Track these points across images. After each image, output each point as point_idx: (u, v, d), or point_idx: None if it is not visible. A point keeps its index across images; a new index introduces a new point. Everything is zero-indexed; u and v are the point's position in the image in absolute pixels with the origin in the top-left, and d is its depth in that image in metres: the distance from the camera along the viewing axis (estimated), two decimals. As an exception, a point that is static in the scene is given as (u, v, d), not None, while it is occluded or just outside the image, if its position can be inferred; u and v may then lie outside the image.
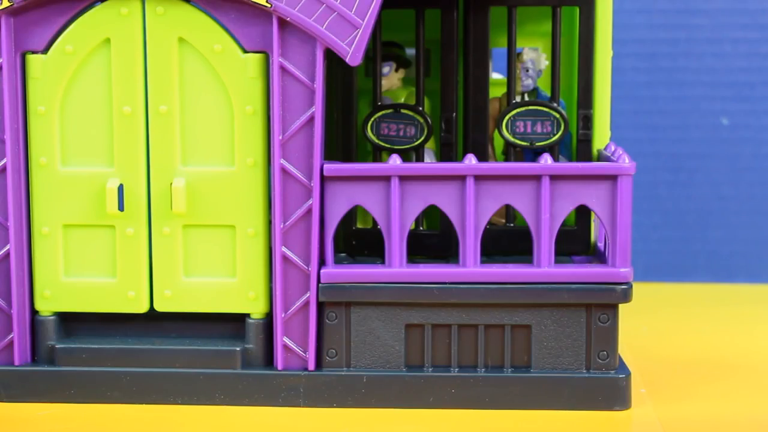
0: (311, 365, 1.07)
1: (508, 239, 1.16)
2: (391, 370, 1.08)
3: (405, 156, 1.16)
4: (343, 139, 1.17)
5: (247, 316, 1.09)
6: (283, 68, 1.05)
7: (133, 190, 1.08)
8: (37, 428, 1.02)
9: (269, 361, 1.09)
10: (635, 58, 1.65)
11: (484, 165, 1.06)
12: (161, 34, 1.06)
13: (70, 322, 1.11)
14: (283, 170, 1.06)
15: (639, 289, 1.14)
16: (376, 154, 1.17)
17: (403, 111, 1.17)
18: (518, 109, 1.16)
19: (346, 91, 1.17)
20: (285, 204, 1.06)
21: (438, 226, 1.17)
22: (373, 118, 1.17)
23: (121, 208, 1.07)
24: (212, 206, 1.08)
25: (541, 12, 1.20)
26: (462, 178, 1.06)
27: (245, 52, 1.06)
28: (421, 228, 1.17)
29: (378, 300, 1.07)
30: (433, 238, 1.16)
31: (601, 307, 1.06)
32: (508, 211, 1.18)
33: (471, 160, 1.06)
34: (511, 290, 1.06)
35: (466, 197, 1.06)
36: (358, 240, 1.17)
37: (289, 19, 1.04)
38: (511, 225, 1.18)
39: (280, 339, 1.08)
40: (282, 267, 1.07)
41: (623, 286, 1.06)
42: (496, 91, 1.19)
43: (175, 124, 1.07)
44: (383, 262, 1.08)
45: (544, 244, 1.06)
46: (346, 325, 1.08)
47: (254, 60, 1.06)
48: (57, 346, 1.09)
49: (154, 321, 1.11)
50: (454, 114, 1.16)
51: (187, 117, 1.07)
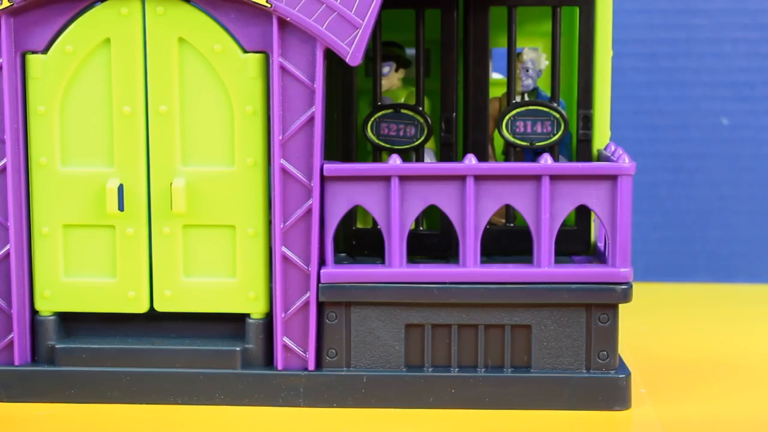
0: (311, 365, 1.07)
1: (508, 239, 1.16)
2: (391, 370, 1.08)
3: (405, 156, 1.16)
4: (343, 139, 1.17)
5: (247, 316, 1.09)
6: (283, 68, 1.05)
7: (133, 190, 1.08)
8: (37, 428, 1.02)
9: (269, 361, 1.09)
10: (635, 58, 1.65)
11: (484, 165, 1.06)
12: (161, 34, 1.06)
13: (70, 322, 1.11)
14: (283, 170, 1.06)
15: (639, 289, 1.14)
16: (376, 154, 1.17)
17: (403, 111, 1.17)
18: (518, 109, 1.16)
19: (346, 91, 1.17)
20: (285, 204, 1.06)
21: (438, 226, 1.17)
22: (373, 118, 1.16)
23: (121, 208, 1.07)
24: (212, 206, 1.08)
25: (541, 12, 1.20)
26: (462, 178, 1.06)
27: (245, 52, 1.06)
28: (421, 228, 1.17)
29: (378, 300, 1.07)
30: (433, 238, 1.16)
31: (601, 307, 1.06)
32: (508, 211, 1.18)
33: (471, 160, 1.06)
34: (511, 290, 1.06)
35: (466, 197, 1.06)
36: (358, 240, 1.17)
37: (289, 19, 1.04)
38: (511, 225, 1.18)
39: (280, 339, 1.08)
40: (282, 267, 1.07)
41: (623, 286, 1.06)
42: (496, 91, 1.19)
43: (175, 124, 1.07)
44: (383, 262, 1.08)
45: (544, 244, 1.06)
46: (346, 325, 1.08)
47: (254, 60, 1.06)
48: (57, 346, 1.09)
49: (154, 321, 1.11)
50: (454, 114, 1.16)
51: (187, 117, 1.07)
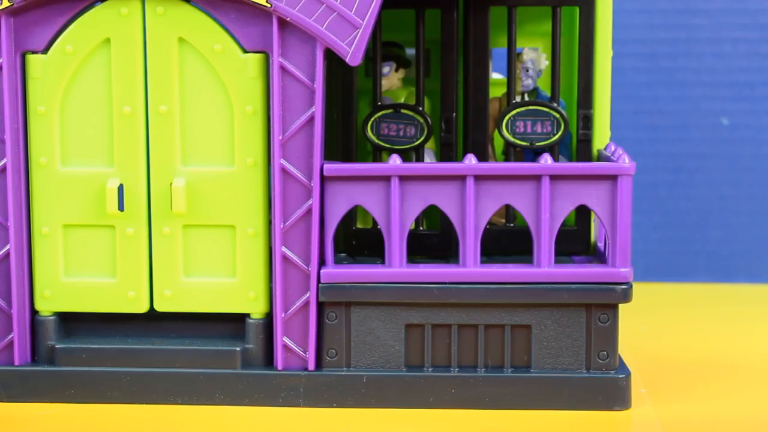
0: (311, 365, 1.07)
1: (508, 239, 1.16)
2: (391, 370, 1.08)
3: (405, 156, 1.16)
4: (343, 139, 1.17)
5: (247, 316, 1.09)
6: (283, 68, 1.05)
7: (133, 190, 1.08)
8: (37, 428, 1.02)
9: (269, 361, 1.09)
10: (635, 58, 1.65)
11: (484, 165, 1.06)
12: (161, 34, 1.06)
13: (70, 322, 1.11)
14: (283, 170, 1.06)
15: (639, 289, 1.14)
16: (376, 154, 1.17)
17: (403, 111, 1.16)
18: (518, 109, 1.16)
19: (346, 91, 1.17)
20: (285, 204, 1.06)
21: (438, 226, 1.17)
22: (373, 118, 1.16)
23: (121, 208, 1.07)
24: (212, 206, 1.08)
25: (541, 12, 1.20)
26: (462, 178, 1.06)
27: (245, 52, 1.06)
28: (421, 228, 1.17)
29: (378, 300, 1.07)
30: (433, 238, 1.16)
31: (601, 307, 1.06)
32: (508, 211, 1.18)
33: (471, 160, 1.06)
34: (511, 290, 1.06)
35: (466, 197, 1.06)
36: (358, 240, 1.17)
37: (289, 19, 1.04)
38: (511, 225, 1.18)
39: (280, 339, 1.07)
40: (282, 267, 1.07)
41: (623, 286, 1.06)
42: (496, 91, 1.19)
43: (175, 124, 1.07)
44: (383, 262, 1.08)
45: (544, 244, 1.06)
46: (346, 325, 1.08)
47: (254, 60, 1.06)
48: (57, 346, 1.09)
49: (154, 321, 1.11)
50: (454, 114, 1.16)
51: (187, 117, 1.07)
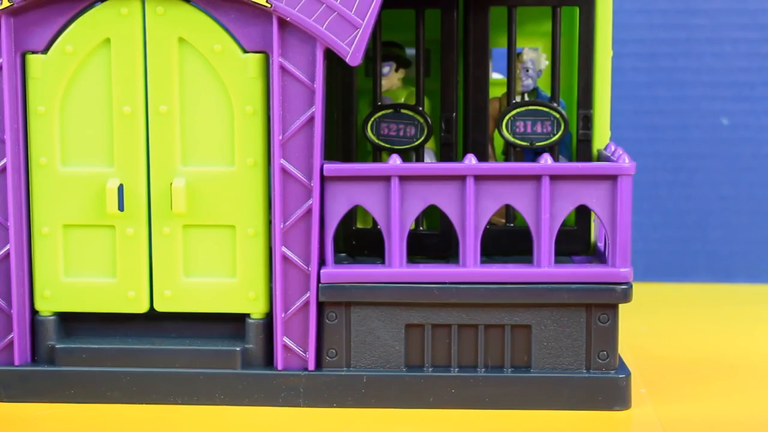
0: (311, 365, 1.07)
1: (508, 239, 1.16)
2: (391, 370, 1.08)
3: (405, 156, 1.16)
4: (343, 139, 1.17)
5: (247, 316, 1.09)
6: (283, 68, 1.05)
7: (133, 190, 1.08)
8: (37, 428, 1.02)
9: (269, 361, 1.09)
10: (635, 58, 1.65)
11: (484, 165, 1.06)
12: (161, 34, 1.06)
13: (70, 322, 1.11)
14: (283, 170, 1.06)
15: (639, 289, 1.14)
16: (376, 154, 1.17)
17: (403, 111, 1.16)
18: (518, 109, 1.16)
19: (346, 91, 1.17)
20: (285, 204, 1.06)
21: (438, 226, 1.17)
22: (373, 118, 1.16)
23: (121, 208, 1.07)
24: (212, 206, 1.08)
25: (541, 12, 1.20)
26: (462, 178, 1.06)
27: (245, 52, 1.06)
28: (421, 228, 1.17)
29: (378, 300, 1.07)
30: (433, 238, 1.16)
31: (601, 307, 1.06)
32: (508, 211, 1.18)
33: (471, 160, 1.06)
34: (511, 290, 1.06)
35: (466, 197, 1.06)
36: (358, 240, 1.17)
37: (289, 19, 1.04)
38: (511, 225, 1.18)
39: (280, 339, 1.07)
40: (282, 267, 1.07)
41: (623, 286, 1.06)
42: (496, 91, 1.19)
43: (175, 124, 1.07)
44: (383, 262, 1.08)
45: (544, 244, 1.06)
46: (346, 325, 1.08)
47: (254, 60, 1.06)
48: (57, 346, 1.09)
49: (154, 321, 1.11)
50: (454, 114, 1.16)
51: (187, 117, 1.07)
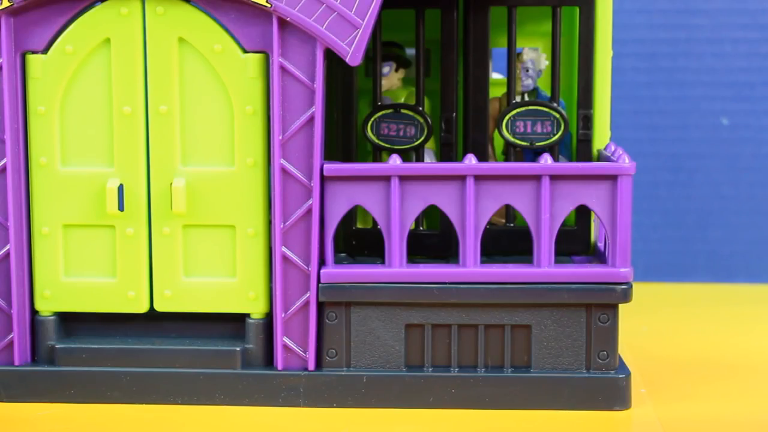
0: (311, 365, 1.07)
1: (508, 239, 1.16)
2: (391, 370, 1.08)
3: (405, 156, 1.16)
4: (343, 139, 1.17)
5: (247, 316, 1.09)
6: (283, 68, 1.05)
7: (133, 190, 1.08)
8: (37, 428, 1.02)
9: (269, 361, 1.09)
10: (635, 58, 1.65)
11: (484, 165, 1.06)
12: (161, 34, 1.06)
13: (70, 322, 1.11)
14: (283, 170, 1.06)
15: (639, 289, 1.14)
16: (376, 154, 1.17)
17: (403, 111, 1.16)
18: (518, 109, 1.16)
19: (346, 91, 1.17)
20: (285, 204, 1.06)
21: (438, 226, 1.17)
22: (373, 118, 1.16)
23: (121, 208, 1.07)
24: (212, 206, 1.08)
25: (541, 12, 1.20)
26: (462, 178, 1.06)
27: (245, 52, 1.06)
28: (421, 228, 1.17)
29: (378, 300, 1.07)
30: (433, 238, 1.16)
31: (601, 307, 1.06)
32: (508, 211, 1.18)
33: (471, 160, 1.06)
34: (511, 290, 1.06)
35: (466, 197, 1.06)
36: (358, 240, 1.17)
37: (289, 19, 1.04)
38: (511, 225, 1.18)
39: (280, 339, 1.07)
40: (282, 267, 1.07)
41: (623, 286, 1.06)
42: (496, 91, 1.19)
43: (175, 124, 1.07)
44: (383, 262, 1.08)
45: (544, 244, 1.06)
46: (346, 325, 1.08)
47: (254, 60, 1.06)
48: (57, 346, 1.09)
49: (154, 321, 1.11)
50: (454, 114, 1.16)
51: (187, 117, 1.07)
